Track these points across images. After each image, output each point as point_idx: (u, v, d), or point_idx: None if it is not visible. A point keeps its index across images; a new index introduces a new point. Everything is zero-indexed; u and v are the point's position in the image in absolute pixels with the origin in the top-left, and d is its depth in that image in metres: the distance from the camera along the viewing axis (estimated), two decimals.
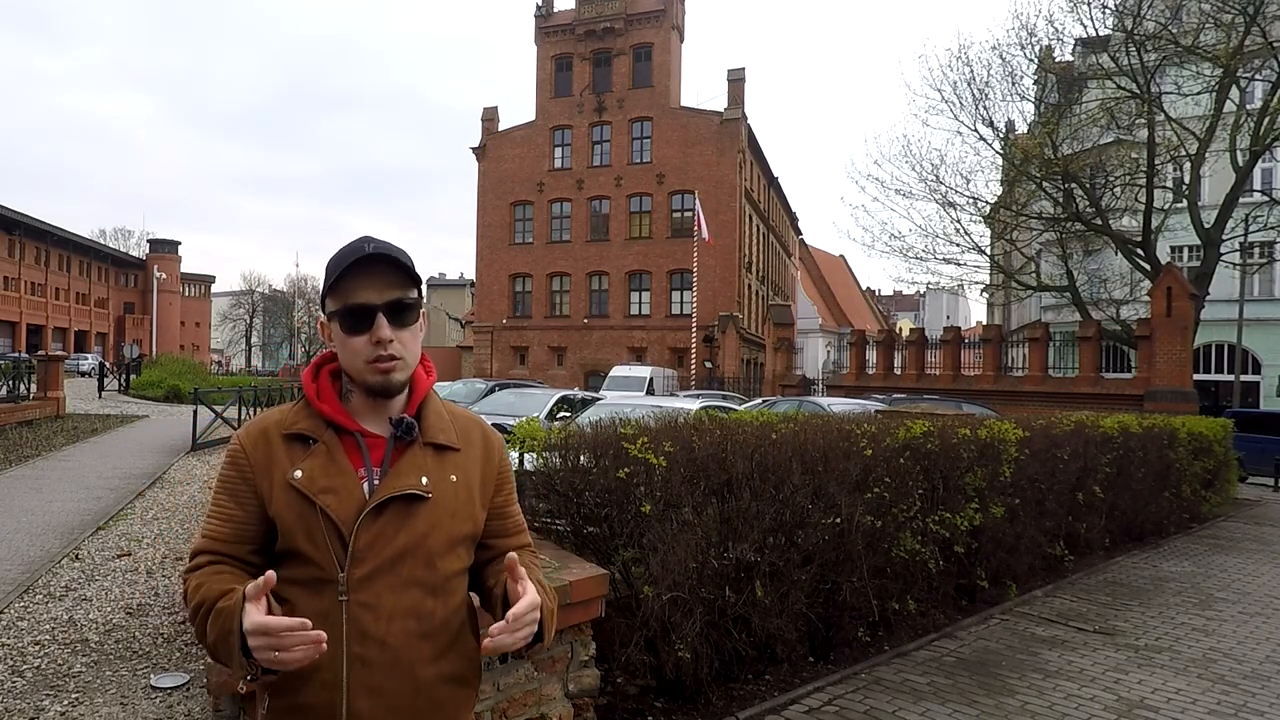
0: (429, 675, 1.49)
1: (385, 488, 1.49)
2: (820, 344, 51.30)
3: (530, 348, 43.39)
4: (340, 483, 1.48)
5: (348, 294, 1.50)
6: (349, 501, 1.47)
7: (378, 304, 1.50)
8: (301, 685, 1.44)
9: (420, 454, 1.54)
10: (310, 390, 1.57)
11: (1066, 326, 24.89)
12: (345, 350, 1.53)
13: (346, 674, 1.43)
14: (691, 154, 40.33)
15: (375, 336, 1.49)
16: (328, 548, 1.45)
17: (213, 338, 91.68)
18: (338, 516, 1.46)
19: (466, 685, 1.58)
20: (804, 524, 4.58)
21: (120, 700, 4.15)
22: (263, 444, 1.53)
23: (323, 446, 1.51)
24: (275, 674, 1.38)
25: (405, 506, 1.49)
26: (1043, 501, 7.15)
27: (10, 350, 49.91)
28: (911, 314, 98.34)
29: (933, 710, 4.28)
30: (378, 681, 1.45)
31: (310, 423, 1.54)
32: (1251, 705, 4.53)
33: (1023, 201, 21.99)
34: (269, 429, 1.55)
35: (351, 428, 1.53)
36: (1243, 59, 16.44)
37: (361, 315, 1.50)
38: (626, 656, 3.79)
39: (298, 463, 1.50)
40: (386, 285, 1.51)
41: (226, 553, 1.52)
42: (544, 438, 4.19)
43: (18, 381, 18.93)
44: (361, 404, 1.56)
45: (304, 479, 1.48)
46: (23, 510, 8.92)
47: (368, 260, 1.50)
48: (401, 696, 1.47)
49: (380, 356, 1.50)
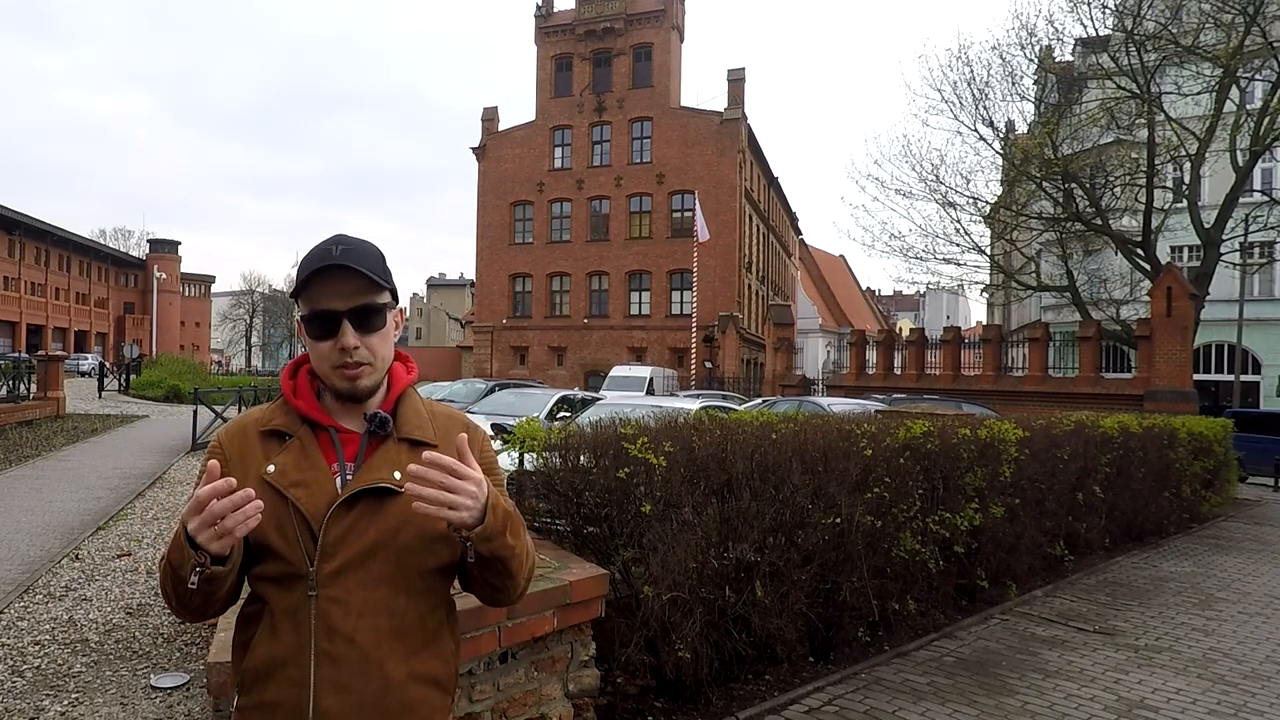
0: (399, 674, 1.47)
1: (356, 481, 1.48)
2: (820, 344, 51.30)
3: (530, 348, 43.40)
4: (311, 476, 1.48)
5: (314, 299, 1.50)
6: (319, 495, 1.47)
7: (342, 310, 1.49)
8: (268, 681, 1.44)
9: (394, 449, 1.53)
10: (287, 388, 1.58)
11: (1066, 326, 24.89)
12: (314, 354, 1.54)
13: (314, 670, 1.42)
14: (691, 154, 40.33)
15: (340, 343, 1.49)
16: (298, 542, 1.44)
17: (213, 338, 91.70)
18: (307, 510, 1.45)
19: (440, 688, 1.55)
20: (804, 524, 4.58)
21: (120, 700, 4.15)
22: (240, 439, 1.54)
23: (297, 442, 1.52)
24: (225, 563, 1.36)
25: (377, 502, 1.48)
26: (1043, 501, 7.15)
27: (10, 350, 49.90)
28: (911, 314, 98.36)
29: (933, 710, 4.28)
30: (345, 678, 1.43)
31: (286, 419, 1.54)
32: (1251, 705, 4.53)
33: (1023, 201, 21.98)
34: (247, 426, 1.56)
35: (326, 423, 1.54)
36: (1243, 59, 16.44)
37: (326, 321, 1.50)
38: (626, 656, 3.79)
39: (272, 458, 1.50)
40: (352, 291, 1.50)
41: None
42: (544, 438, 4.19)
43: (18, 381, 18.93)
44: (335, 403, 1.57)
45: (276, 473, 1.48)
46: (23, 510, 8.93)
47: (333, 267, 1.49)
48: (370, 694, 1.45)
49: (346, 363, 1.50)
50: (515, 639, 3.12)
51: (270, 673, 1.43)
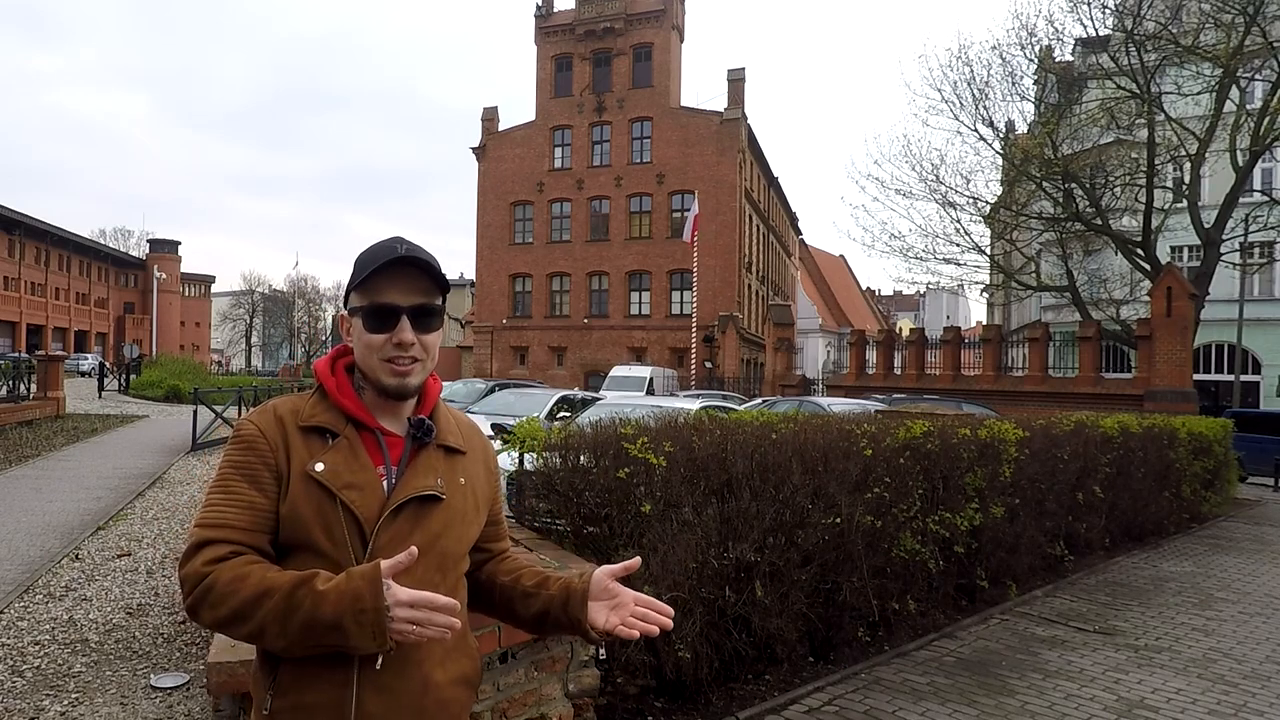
0: (438, 676, 1.50)
1: (405, 487, 1.49)
2: (820, 344, 51.32)
3: (530, 348, 43.39)
4: (363, 479, 1.48)
5: (375, 292, 1.51)
6: (371, 498, 1.47)
7: (404, 306, 1.50)
8: (310, 683, 1.43)
9: (434, 456, 1.56)
10: (330, 384, 1.56)
11: (1066, 326, 24.89)
12: (364, 347, 1.53)
13: (357, 672, 1.43)
14: (691, 154, 40.32)
15: (397, 338, 1.49)
16: (346, 544, 1.44)
17: (213, 338, 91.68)
18: (361, 514, 1.45)
19: (470, 686, 1.60)
20: (804, 524, 4.58)
21: (120, 700, 4.15)
22: (279, 430, 1.50)
23: (345, 441, 1.50)
24: (395, 648, 1.38)
25: (420, 507, 1.50)
26: (1043, 501, 7.15)
27: (10, 350, 49.89)
28: (911, 314, 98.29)
29: (933, 710, 4.28)
30: (387, 680, 1.45)
31: (330, 416, 1.52)
32: (1251, 705, 4.53)
33: (1023, 201, 22.00)
34: (283, 417, 1.52)
35: (372, 425, 1.53)
36: (1243, 59, 16.45)
37: (386, 315, 1.50)
38: (626, 656, 3.79)
39: (317, 455, 1.47)
40: (414, 289, 1.52)
41: (247, 542, 1.42)
42: (544, 438, 4.19)
43: (18, 381, 18.94)
44: (374, 402, 1.56)
45: (326, 472, 1.46)
46: (23, 510, 8.92)
47: (399, 262, 1.50)
48: (410, 696, 1.47)
49: (399, 358, 1.50)
50: (515, 639, 3.12)
51: (313, 674, 1.42)
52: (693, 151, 40.31)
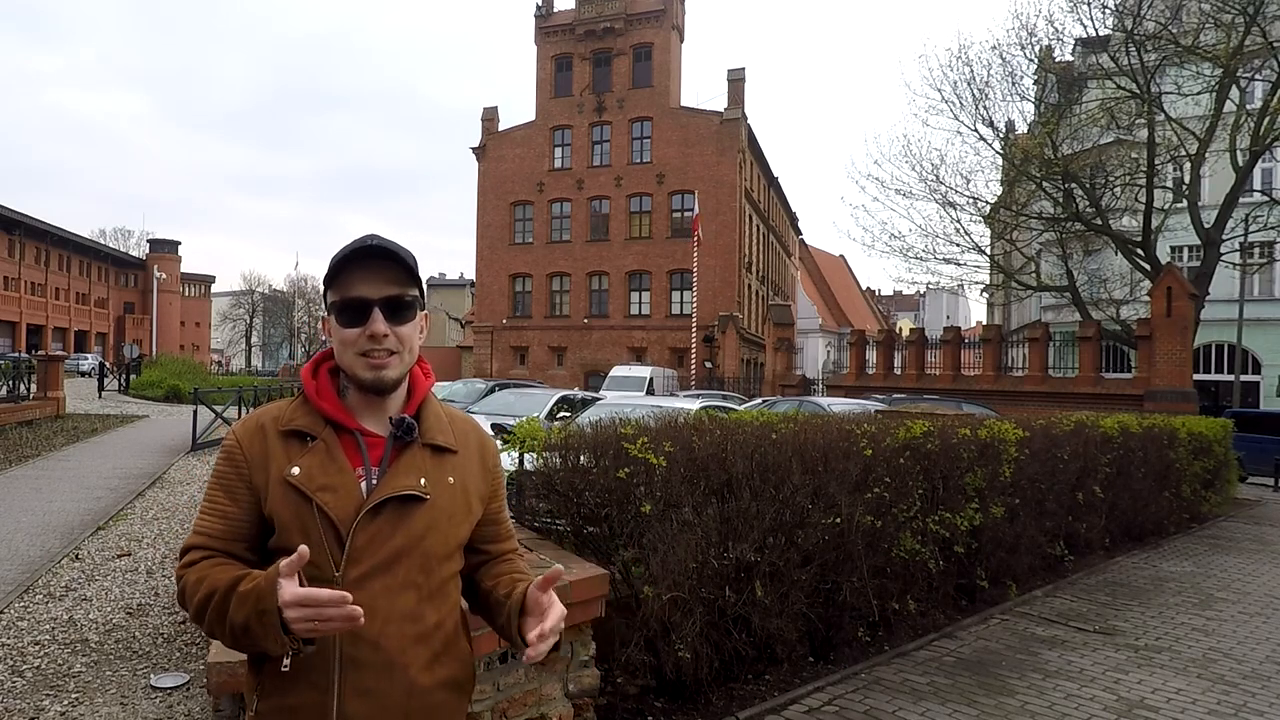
0: (424, 680, 1.48)
1: (384, 487, 1.47)
2: (820, 344, 51.32)
3: (530, 348, 43.39)
4: (338, 480, 1.47)
5: (346, 287, 1.50)
6: (347, 500, 1.46)
7: (374, 298, 1.49)
8: (291, 686, 1.42)
9: (419, 455, 1.53)
10: (310, 387, 1.55)
11: (1066, 326, 24.89)
12: (340, 343, 1.52)
13: (339, 675, 1.42)
14: (691, 154, 40.32)
15: (369, 330, 1.48)
16: (324, 546, 1.43)
17: (213, 338, 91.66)
18: (336, 515, 1.44)
19: (460, 691, 1.58)
20: (804, 524, 4.58)
21: (120, 700, 4.15)
22: (259, 439, 1.51)
23: (321, 444, 1.50)
24: (314, 644, 1.38)
25: (402, 507, 1.48)
26: (1043, 501, 7.15)
27: (10, 350, 49.90)
28: (911, 314, 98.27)
29: (933, 710, 4.28)
30: (370, 683, 1.43)
31: (309, 419, 1.52)
32: (1251, 705, 4.53)
33: (1023, 201, 22.00)
34: (265, 424, 1.53)
35: (351, 426, 1.52)
36: (1243, 59, 16.44)
37: (358, 309, 1.49)
38: (626, 656, 3.79)
39: (295, 459, 1.48)
40: (385, 281, 1.50)
41: (221, 549, 1.49)
42: (544, 438, 4.19)
43: (18, 381, 18.93)
44: (359, 402, 1.55)
45: (301, 475, 1.46)
46: (23, 510, 8.92)
47: (367, 254, 1.49)
48: (394, 699, 1.45)
49: (373, 351, 1.48)
50: None
51: (294, 677, 1.42)
52: (693, 151, 40.31)
